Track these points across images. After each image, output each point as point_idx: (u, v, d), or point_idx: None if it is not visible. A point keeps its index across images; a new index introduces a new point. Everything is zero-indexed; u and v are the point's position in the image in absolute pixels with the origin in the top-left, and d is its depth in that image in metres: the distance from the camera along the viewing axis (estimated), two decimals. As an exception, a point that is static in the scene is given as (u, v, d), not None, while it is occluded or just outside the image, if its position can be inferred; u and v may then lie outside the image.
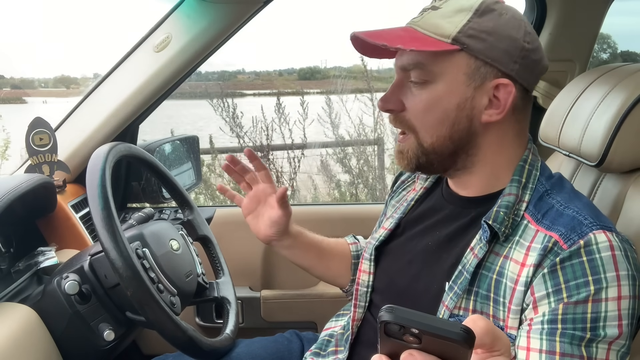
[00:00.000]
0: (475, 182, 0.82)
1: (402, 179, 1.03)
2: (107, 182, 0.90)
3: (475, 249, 0.76)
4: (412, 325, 0.36)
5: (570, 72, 1.45)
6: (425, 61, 0.76)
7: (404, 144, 0.82)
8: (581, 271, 0.67)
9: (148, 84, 1.38)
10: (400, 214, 0.94)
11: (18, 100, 5.15)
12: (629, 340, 0.67)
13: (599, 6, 1.41)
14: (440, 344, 0.36)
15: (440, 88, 0.76)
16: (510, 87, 0.76)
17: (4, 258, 1.10)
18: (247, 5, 1.33)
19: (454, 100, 0.76)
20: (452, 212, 0.85)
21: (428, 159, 0.80)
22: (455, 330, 0.35)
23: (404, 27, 0.80)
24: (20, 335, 0.90)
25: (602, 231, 0.69)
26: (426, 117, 0.78)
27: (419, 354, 0.37)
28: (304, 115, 3.45)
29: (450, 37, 0.74)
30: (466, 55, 0.75)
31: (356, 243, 1.13)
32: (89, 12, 7.12)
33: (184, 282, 1.02)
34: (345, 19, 5.39)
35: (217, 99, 3.46)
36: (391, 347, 0.38)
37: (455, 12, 0.76)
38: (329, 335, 1.02)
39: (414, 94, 0.78)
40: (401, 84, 0.80)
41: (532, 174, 0.80)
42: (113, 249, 0.86)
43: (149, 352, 1.55)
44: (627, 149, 0.84)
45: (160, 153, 1.53)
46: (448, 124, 0.77)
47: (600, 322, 0.65)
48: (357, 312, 0.94)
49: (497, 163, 0.81)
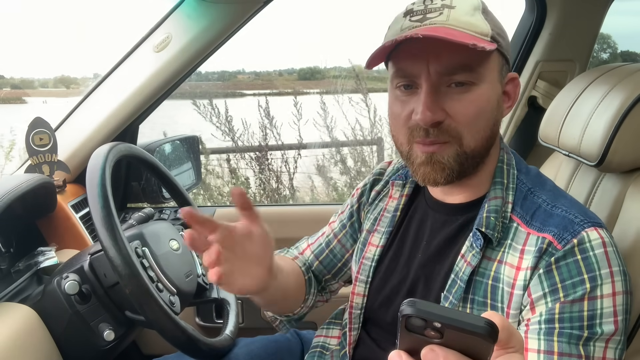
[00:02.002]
0: (470, 188, 0.80)
1: (376, 188, 0.96)
2: (107, 181, 0.91)
3: (467, 256, 0.75)
4: (435, 318, 0.34)
5: (570, 72, 1.45)
6: (473, 62, 0.71)
7: (441, 152, 0.74)
8: (576, 270, 0.67)
9: (148, 84, 1.38)
10: (387, 227, 0.89)
11: (18, 100, 5.15)
12: (624, 336, 0.68)
13: (599, 6, 1.41)
14: (463, 338, 0.35)
15: (485, 88, 0.73)
16: (517, 80, 0.79)
17: (4, 258, 1.10)
18: (247, 5, 1.33)
19: (494, 99, 0.75)
20: (438, 221, 0.83)
21: (468, 164, 0.75)
22: (479, 324, 0.34)
23: (439, 27, 0.70)
24: (20, 335, 0.90)
25: (593, 228, 0.69)
26: (477, 120, 0.73)
27: (440, 349, 0.35)
28: (299, 115, 3.45)
29: (489, 35, 0.72)
30: (497, 53, 0.74)
31: (297, 257, 1.02)
32: (90, 12, 7.11)
33: (183, 282, 1.02)
34: (346, 19, 5.39)
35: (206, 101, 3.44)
36: (411, 342, 0.37)
37: (474, 10, 0.72)
38: (321, 347, 0.99)
39: (458, 99, 0.72)
40: (438, 90, 0.72)
41: (511, 173, 0.79)
42: (112, 247, 0.86)
43: (149, 352, 1.55)
44: (626, 149, 0.84)
45: (160, 153, 1.53)
46: (492, 123, 0.75)
47: (596, 319, 0.66)
48: (353, 335, 0.90)
49: (492, 166, 0.80)
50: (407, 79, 0.74)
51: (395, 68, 0.75)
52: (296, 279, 0.96)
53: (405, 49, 0.73)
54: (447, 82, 0.72)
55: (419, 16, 0.73)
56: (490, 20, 0.73)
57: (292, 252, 1.05)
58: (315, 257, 1.02)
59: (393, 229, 0.89)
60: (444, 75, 0.72)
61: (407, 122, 0.75)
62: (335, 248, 1.01)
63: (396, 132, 0.79)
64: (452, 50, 0.69)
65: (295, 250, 1.05)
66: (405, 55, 0.73)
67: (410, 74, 0.73)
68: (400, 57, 0.74)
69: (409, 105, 0.74)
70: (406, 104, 0.75)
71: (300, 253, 1.04)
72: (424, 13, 0.73)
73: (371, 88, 3.56)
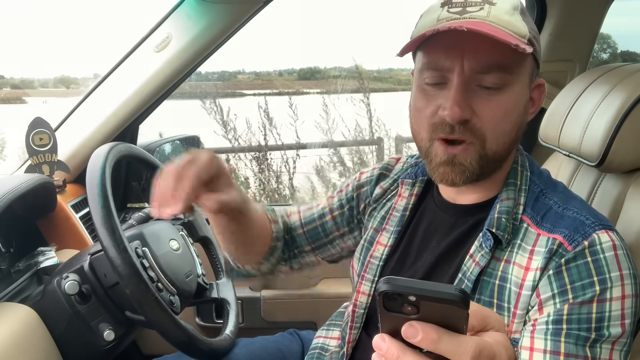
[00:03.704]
0: (482, 190, 0.79)
1: (382, 185, 0.93)
2: (107, 181, 0.90)
3: (476, 256, 0.75)
4: (409, 291, 0.36)
5: (570, 72, 1.45)
6: (509, 62, 0.69)
7: (464, 154, 0.72)
8: (586, 272, 0.66)
9: (148, 84, 1.38)
10: (396, 226, 0.88)
11: (18, 100, 5.15)
12: (630, 338, 0.68)
13: (599, 6, 1.41)
14: (438, 310, 0.36)
15: (516, 91, 0.71)
16: (543, 87, 0.77)
17: (4, 258, 1.10)
18: (247, 5, 1.33)
19: (522, 103, 0.73)
20: (448, 221, 0.82)
21: (488, 167, 0.74)
22: (450, 292, 0.35)
23: (481, 22, 0.67)
24: (20, 335, 0.90)
25: (604, 231, 0.69)
26: (503, 124, 0.71)
27: (418, 324, 0.36)
28: (295, 116, 3.45)
29: (526, 37, 0.69)
30: (531, 56, 0.72)
31: (276, 222, 0.97)
32: (89, 12, 7.11)
33: (183, 282, 1.02)
34: (345, 20, 5.40)
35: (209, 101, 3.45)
36: (392, 323, 0.38)
37: (513, 10, 0.69)
38: (320, 348, 0.99)
39: (487, 99, 0.70)
40: (468, 88, 0.70)
41: (524, 175, 0.79)
42: (112, 247, 0.86)
43: (149, 352, 1.55)
44: (627, 149, 0.84)
45: (160, 153, 1.53)
46: (517, 128, 0.74)
47: (604, 322, 0.65)
48: (353, 333, 0.89)
49: (507, 167, 0.79)
50: (438, 72, 0.71)
51: (427, 59, 0.72)
52: (259, 232, 0.93)
53: (440, 41, 0.70)
54: (479, 80, 0.70)
55: (458, 8, 0.70)
56: (528, 22, 0.71)
57: (279, 211, 1.00)
58: (302, 225, 0.98)
59: (402, 228, 0.88)
60: (478, 72, 0.69)
61: (431, 117, 0.72)
62: (327, 223, 0.98)
63: (418, 127, 0.76)
64: (491, 48, 0.67)
65: (283, 211, 1.01)
66: (439, 47, 0.70)
67: (442, 67, 0.70)
68: (434, 49, 0.71)
69: (435, 100, 0.72)
70: (433, 98, 0.73)
71: (288, 215, 1.00)
72: (463, 6, 0.70)
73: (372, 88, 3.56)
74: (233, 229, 0.87)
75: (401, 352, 0.38)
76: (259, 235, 0.93)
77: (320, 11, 6.54)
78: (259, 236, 0.93)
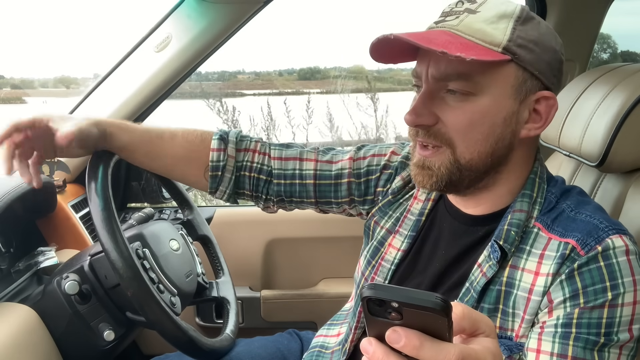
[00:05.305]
0: (486, 201, 0.78)
1: (403, 175, 0.90)
2: (107, 181, 0.90)
3: (484, 266, 0.73)
4: (391, 297, 0.36)
5: (570, 72, 1.45)
6: (472, 71, 0.68)
7: (433, 158, 0.73)
8: (599, 277, 0.66)
9: (148, 84, 1.38)
10: (410, 231, 0.86)
11: (18, 100, 5.15)
12: (638, 343, 0.67)
13: (599, 6, 1.41)
14: (420, 317, 0.36)
15: (486, 101, 0.70)
16: (553, 101, 0.73)
17: (4, 258, 1.10)
18: (247, 5, 1.33)
19: (501, 114, 0.71)
20: (458, 230, 0.80)
21: (461, 176, 0.73)
22: (430, 299, 0.36)
23: (443, 31, 0.70)
24: (20, 335, 0.90)
25: (618, 235, 0.67)
26: (470, 132, 0.71)
27: (401, 329, 0.37)
28: (289, 116, 3.43)
29: (500, 45, 0.68)
30: (515, 66, 0.69)
31: (221, 150, 0.94)
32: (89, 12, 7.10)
33: (184, 282, 1.02)
34: (345, 19, 5.39)
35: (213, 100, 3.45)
36: (378, 328, 0.38)
37: (498, 18, 0.69)
38: (320, 346, 0.98)
39: (453, 107, 0.71)
40: (433, 95, 0.72)
41: (542, 187, 0.76)
42: (114, 249, 0.86)
43: (149, 352, 1.55)
44: (627, 149, 0.84)
45: (160, 153, 1.53)
46: (493, 140, 0.71)
47: (615, 327, 0.65)
48: (357, 333, 0.89)
49: (516, 180, 0.77)
50: (417, 78, 0.75)
51: (415, 65, 0.76)
52: (175, 160, 0.96)
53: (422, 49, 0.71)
54: (444, 87, 0.71)
55: (441, 17, 0.73)
56: (521, 30, 0.69)
57: (289, 153, 0.95)
58: (315, 177, 0.94)
59: (416, 233, 0.86)
60: (439, 80, 0.71)
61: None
62: (341, 185, 0.94)
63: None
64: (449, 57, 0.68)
65: (296, 152, 0.96)
66: (420, 54, 0.74)
67: (418, 73, 0.74)
68: (418, 55, 0.75)
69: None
70: (413, 102, 0.75)
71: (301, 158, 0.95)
72: (445, 15, 0.73)
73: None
74: (125, 155, 0.95)
75: (386, 356, 0.38)
76: (177, 163, 0.96)
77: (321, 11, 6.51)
78: (177, 163, 0.96)
